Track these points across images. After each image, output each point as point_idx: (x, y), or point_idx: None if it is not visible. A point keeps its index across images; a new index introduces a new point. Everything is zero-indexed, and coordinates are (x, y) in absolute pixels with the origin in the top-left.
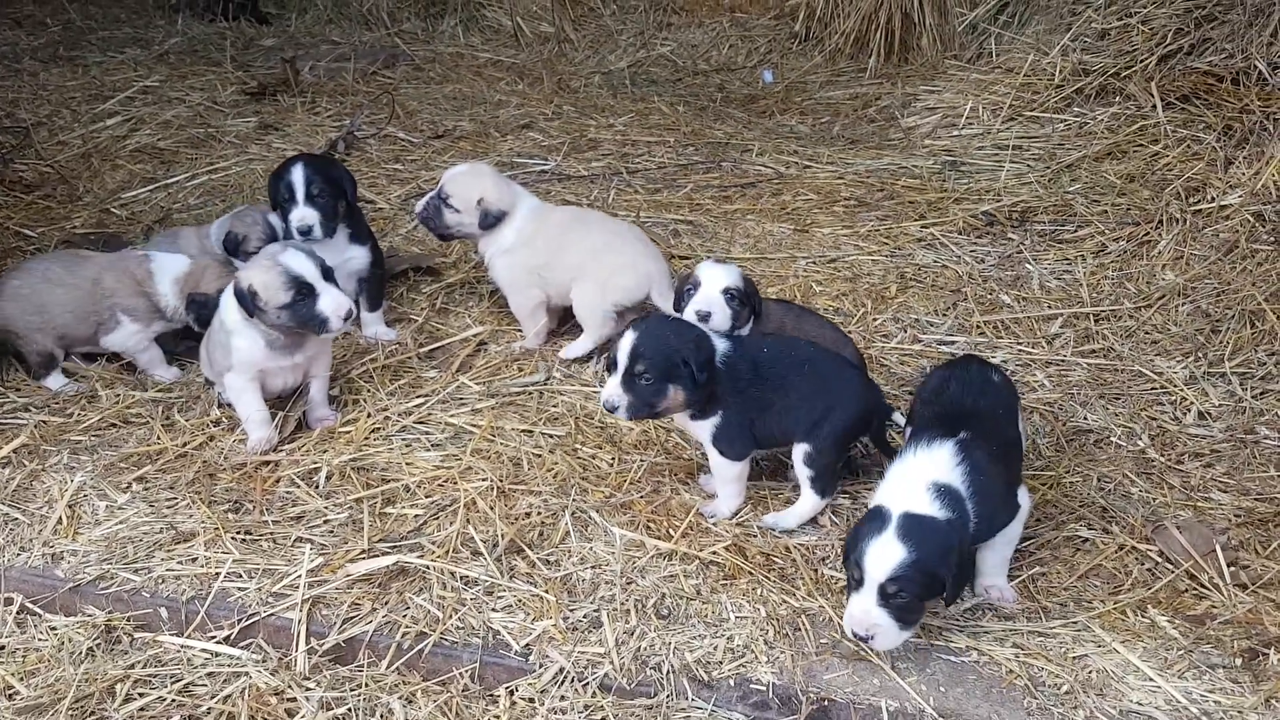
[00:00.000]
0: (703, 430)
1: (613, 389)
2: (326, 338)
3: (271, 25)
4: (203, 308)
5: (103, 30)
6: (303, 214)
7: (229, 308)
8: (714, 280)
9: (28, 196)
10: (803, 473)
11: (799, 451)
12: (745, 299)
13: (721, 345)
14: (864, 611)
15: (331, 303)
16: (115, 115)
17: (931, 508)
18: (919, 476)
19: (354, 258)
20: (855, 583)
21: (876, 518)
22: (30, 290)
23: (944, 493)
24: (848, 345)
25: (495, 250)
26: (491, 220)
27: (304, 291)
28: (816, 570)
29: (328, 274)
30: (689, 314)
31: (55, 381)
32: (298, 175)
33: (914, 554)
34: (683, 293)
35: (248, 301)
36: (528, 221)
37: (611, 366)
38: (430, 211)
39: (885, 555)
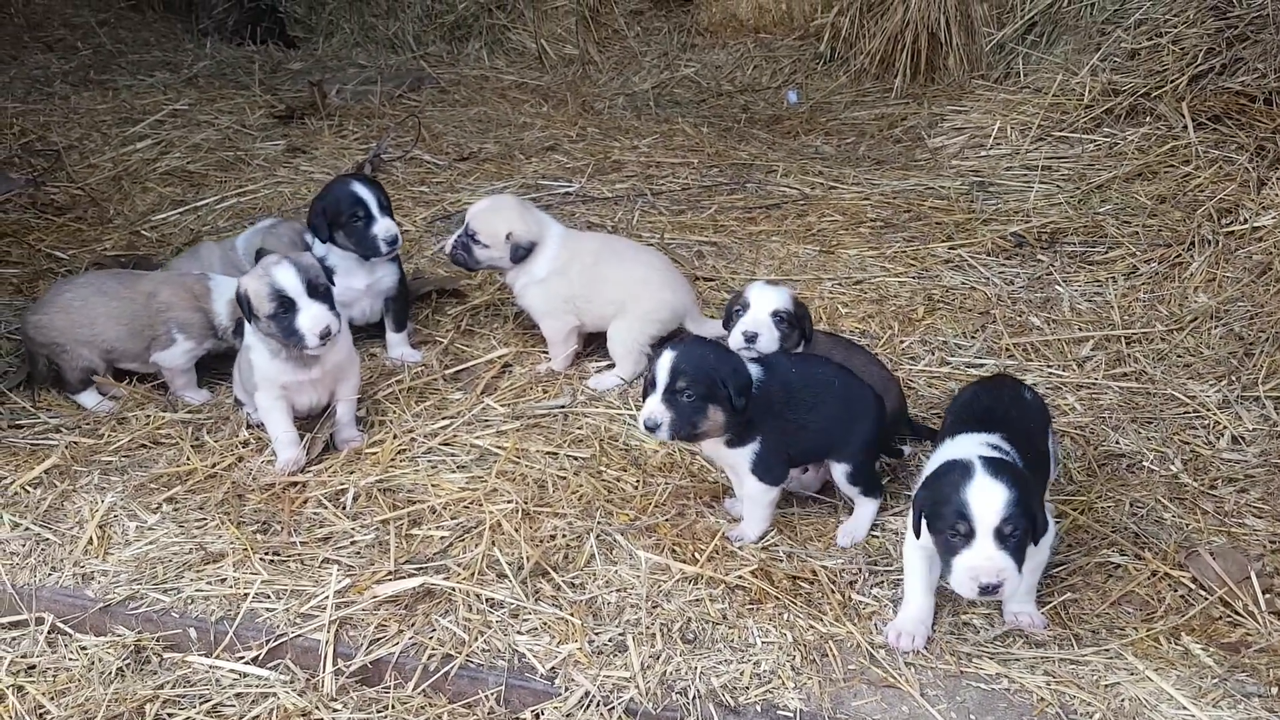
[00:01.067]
0: (740, 457)
1: (653, 407)
2: (347, 353)
3: (299, 49)
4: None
5: (133, 54)
6: (389, 225)
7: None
8: (764, 302)
9: (59, 219)
10: (851, 490)
11: (840, 473)
12: (795, 321)
13: (756, 371)
14: (988, 559)
15: (309, 320)
16: (145, 138)
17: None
18: (973, 442)
19: (384, 276)
20: (963, 536)
21: (956, 469)
22: (82, 302)
23: (1004, 453)
24: (893, 386)
25: (527, 280)
26: (522, 253)
27: (285, 305)
28: (844, 595)
29: (316, 290)
30: (736, 335)
31: (89, 399)
32: (364, 190)
33: (1015, 492)
34: (731, 313)
35: (244, 307)
36: (559, 250)
37: (650, 387)
38: (460, 250)
39: (993, 498)
